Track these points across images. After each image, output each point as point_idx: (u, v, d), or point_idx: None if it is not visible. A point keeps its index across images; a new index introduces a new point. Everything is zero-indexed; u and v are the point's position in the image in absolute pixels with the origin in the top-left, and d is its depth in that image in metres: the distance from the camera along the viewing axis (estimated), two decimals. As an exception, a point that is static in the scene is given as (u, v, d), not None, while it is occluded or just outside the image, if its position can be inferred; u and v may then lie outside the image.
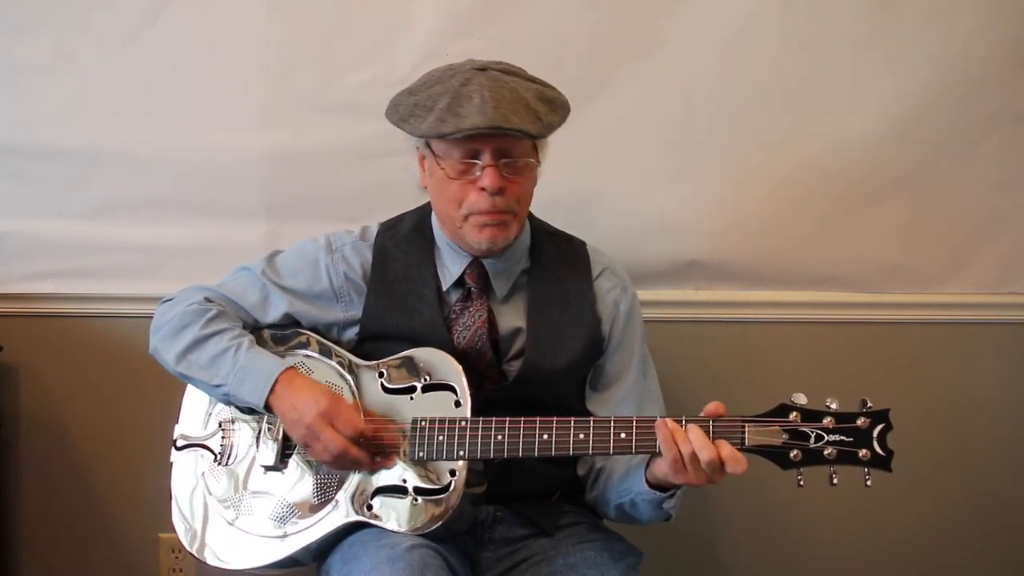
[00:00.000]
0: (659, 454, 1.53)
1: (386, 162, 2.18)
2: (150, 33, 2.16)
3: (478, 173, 1.65)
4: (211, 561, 1.73)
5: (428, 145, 1.70)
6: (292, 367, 1.69)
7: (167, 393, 1.84)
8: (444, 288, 1.78)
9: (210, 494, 1.75)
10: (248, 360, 1.69)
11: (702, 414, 1.52)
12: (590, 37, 2.18)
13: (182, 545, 1.75)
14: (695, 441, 1.48)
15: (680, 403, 2.00)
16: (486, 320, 1.75)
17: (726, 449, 1.48)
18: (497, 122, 1.58)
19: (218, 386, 1.71)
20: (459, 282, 1.78)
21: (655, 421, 1.53)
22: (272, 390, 1.66)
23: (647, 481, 1.60)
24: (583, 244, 1.88)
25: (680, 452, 1.49)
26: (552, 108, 1.68)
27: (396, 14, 2.17)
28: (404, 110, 1.68)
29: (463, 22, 2.16)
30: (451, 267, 1.79)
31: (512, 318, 1.78)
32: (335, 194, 2.23)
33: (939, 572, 2.41)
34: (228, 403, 1.75)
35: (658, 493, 1.60)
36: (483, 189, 1.65)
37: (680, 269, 2.27)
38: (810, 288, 2.30)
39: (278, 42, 2.18)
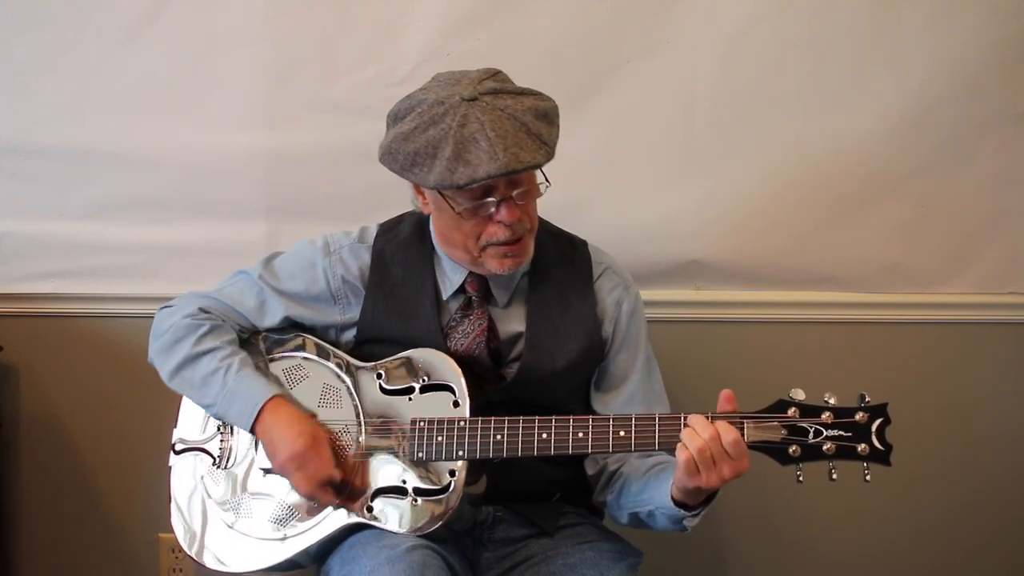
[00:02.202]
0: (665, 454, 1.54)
1: (386, 162, 2.18)
2: (150, 33, 2.17)
3: (492, 209, 1.63)
4: (211, 564, 1.73)
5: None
6: (279, 396, 1.69)
7: (167, 393, 1.84)
8: (444, 297, 1.78)
9: (209, 497, 1.75)
10: (237, 384, 1.69)
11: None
12: (590, 37, 2.18)
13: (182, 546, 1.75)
14: (719, 425, 1.47)
15: (680, 403, 1.99)
16: (486, 328, 1.75)
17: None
18: (511, 166, 1.54)
19: (208, 406, 1.73)
20: (460, 290, 1.77)
21: (653, 418, 1.54)
22: (257, 418, 1.67)
23: (672, 497, 1.58)
24: (584, 243, 1.87)
25: (707, 444, 1.46)
26: (549, 122, 1.62)
27: (396, 14, 2.17)
28: (404, 159, 1.60)
29: (463, 22, 2.16)
30: (451, 276, 1.78)
31: (512, 323, 1.78)
32: (335, 194, 2.23)
33: (939, 572, 2.41)
34: (219, 420, 1.77)
35: (681, 511, 1.58)
36: (499, 222, 1.64)
37: (680, 269, 2.27)
38: (810, 288, 2.29)
39: (278, 42, 2.18)
